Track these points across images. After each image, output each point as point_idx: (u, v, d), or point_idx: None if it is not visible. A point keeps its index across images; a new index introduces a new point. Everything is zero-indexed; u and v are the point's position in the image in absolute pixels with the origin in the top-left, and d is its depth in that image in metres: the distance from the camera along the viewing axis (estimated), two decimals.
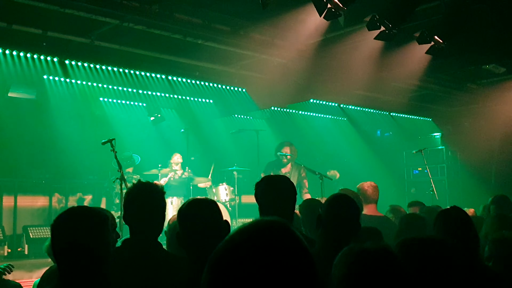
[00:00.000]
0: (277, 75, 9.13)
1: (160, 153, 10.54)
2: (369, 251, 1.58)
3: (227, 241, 1.15)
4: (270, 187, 3.36)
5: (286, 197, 3.33)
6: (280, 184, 3.38)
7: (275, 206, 3.29)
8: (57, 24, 7.05)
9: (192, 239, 2.64)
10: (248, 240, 1.13)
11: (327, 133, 12.72)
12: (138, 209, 3.00)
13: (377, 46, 7.47)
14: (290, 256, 1.13)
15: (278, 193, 3.33)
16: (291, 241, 1.15)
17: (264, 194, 3.35)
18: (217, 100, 10.92)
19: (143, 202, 3.00)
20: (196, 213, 2.72)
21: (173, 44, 8.00)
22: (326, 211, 3.07)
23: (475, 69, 9.98)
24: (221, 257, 1.13)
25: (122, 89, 9.58)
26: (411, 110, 12.27)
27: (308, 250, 1.17)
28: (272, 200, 3.31)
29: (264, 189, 3.37)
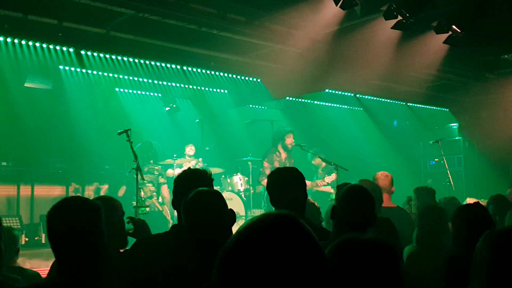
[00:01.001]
0: (293, 65, 9.07)
1: (175, 143, 10.58)
2: (359, 239, 1.58)
3: (236, 238, 1.15)
4: (281, 179, 3.40)
5: (297, 189, 3.36)
6: (290, 176, 3.42)
7: (287, 198, 3.32)
8: (72, 14, 7.06)
9: (197, 231, 2.65)
10: (257, 235, 1.13)
11: (342, 123, 12.64)
12: (183, 195, 3.03)
13: (394, 35, 7.38)
14: (299, 251, 1.12)
15: (289, 185, 3.36)
16: (300, 235, 1.15)
17: (275, 186, 3.39)
18: (232, 90, 10.90)
19: (190, 187, 2.96)
20: (200, 205, 2.72)
21: (188, 35, 7.97)
22: (340, 202, 3.06)
23: (493, 58, 9.84)
24: (230, 254, 1.12)
25: (138, 79, 9.60)
26: (428, 100, 12.13)
27: (317, 243, 1.17)
28: (283, 192, 3.35)
29: (275, 181, 3.40)
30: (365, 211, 3.01)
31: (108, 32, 7.58)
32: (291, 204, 3.30)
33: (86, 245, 2.36)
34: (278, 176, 3.43)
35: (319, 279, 1.13)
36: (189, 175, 3.21)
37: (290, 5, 6.87)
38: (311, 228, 3.00)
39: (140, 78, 9.55)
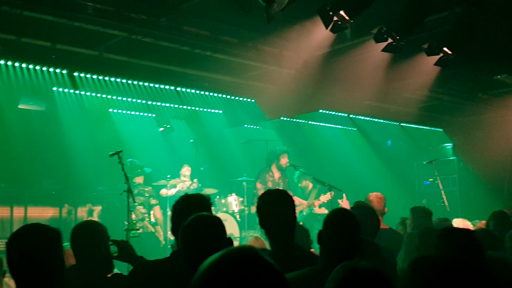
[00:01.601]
0: (286, 85, 9.11)
1: (169, 164, 10.55)
2: (359, 270, 1.57)
3: (200, 275, 1.16)
4: (270, 202, 3.37)
5: (287, 212, 3.34)
6: (280, 199, 3.39)
7: (276, 221, 3.30)
8: (65, 36, 7.10)
9: (194, 257, 2.61)
10: (219, 274, 1.16)
11: (337, 143, 12.64)
12: (182, 221, 3.00)
13: (385, 57, 7.42)
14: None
15: (278, 208, 3.33)
16: (261, 270, 1.15)
17: (264, 209, 3.37)
18: (226, 111, 10.92)
19: (188, 214, 2.93)
20: (200, 231, 2.69)
21: (181, 56, 8.01)
22: (324, 227, 3.02)
23: (486, 79, 9.89)
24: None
25: (131, 100, 9.60)
26: (421, 120, 12.17)
27: (279, 276, 1.20)
28: (272, 215, 3.32)
29: (265, 203, 3.38)
30: (350, 236, 2.95)
31: (101, 54, 7.62)
32: (280, 227, 3.28)
33: (43, 272, 2.36)
34: (267, 198, 3.40)
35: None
36: (186, 201, 3.18)
37: (282, 28, 6.92)
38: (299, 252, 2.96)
39: (133, 99, 9.56)
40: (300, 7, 5.71)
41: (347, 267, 1.59)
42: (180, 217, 3.08)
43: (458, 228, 3.60)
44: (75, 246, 3.58)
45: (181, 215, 3.07)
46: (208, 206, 3.15)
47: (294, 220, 3.38)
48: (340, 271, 1.59)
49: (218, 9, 6.83)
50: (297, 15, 6.44)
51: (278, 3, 4.70)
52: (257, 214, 3.40)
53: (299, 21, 6.70)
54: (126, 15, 6.59)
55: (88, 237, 3.55)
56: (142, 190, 9.38)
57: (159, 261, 3.16)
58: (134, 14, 6.64)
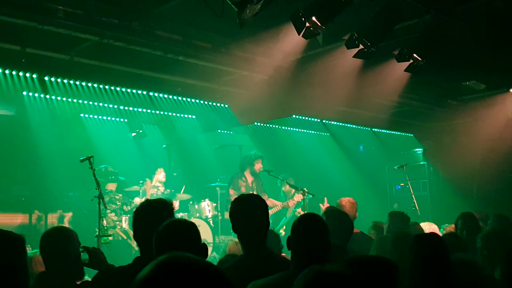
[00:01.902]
0: (259, 91, 9.13)
1: (141, 169, 10.46)
2: (327, 273, 1.59)
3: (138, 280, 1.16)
4: (242, 208, 3.39)
5: (259, 217, 3.35)
6: (252, 204, 3.41)
7: (248, 226, 3.32)
8: (36, 40, 6.98)
9: None
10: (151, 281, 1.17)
11: (310, 148, 12.73)
12: (146, 227, 2.97)
13: (356, 63, 7.52)
14: None
15: (250, 214, 3.35)
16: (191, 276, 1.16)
17: (237, 214, 3.38)
18: (199, 116, 10.89)
19: (151, 219, 2.97)
20: (174, 236, 2.68)
21: (154, 61, 7.96)
22: (292, 232, 3.04)
23: (455, 85, 10.08)
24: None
25: (103, 105, 9.50)
26: (392, 125, 12.33)
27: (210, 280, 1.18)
28: (244, 220, 3.34)
29: (237, 209, 3.40)
30: (318, 240, 2.97)
31: (72, 58, 7.51)
32: (253, 231, 3.31)
33: (5, 281, 2.28)
34: (240, 203, 3.42)
35: None
36: (147, 207, 3.15)
37: (255, 33, 6.94)
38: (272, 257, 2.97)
39: (105, 104, 9.46)
40: (273, 13, 5.75)
41: (315, 271, 1.61)
42: (143, 224, 3.05)
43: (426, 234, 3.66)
44: (44, 252, 3.53)
45: (143, 221, 3.05)
46: (170, 211, 3.12)
47: (267, 225, 3.40)
48: (308, 275, 1.61)
49: (191, 14, 6.82)
50: (270, 21, 6.47)
51: (251, 8, 4.73)
52: (230, 219, 3.41)
53: (272, 27, 6.73)
54: (97, 19, 6.52)
55: (58, 243, 3.51)
56: (114, 197, 9.26)
57: (123, 268, 3.13)
58: (106, 18, 6.58)
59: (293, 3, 5.84)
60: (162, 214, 2.99)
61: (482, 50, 7.81)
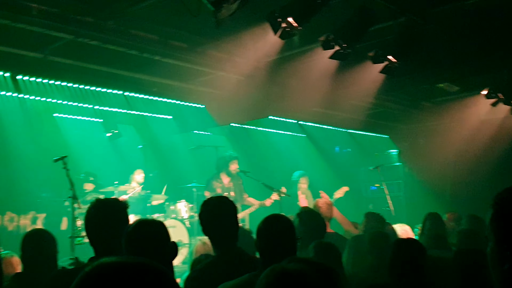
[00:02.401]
0: (236, 91, 9.13)
1: (116, 170, 10.37)
2: (288, 272, 1.58)
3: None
4: (211, 209, 3.42)
5: (228, 218, 3.39)
6: (221, 205, 3.44)
7: (217, 228, 3.35)
8: (8, 38, 6.85)
9: None
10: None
11: (286, 150, 12.77)
12: (99, 227, 2.93)
13: (332, 64, 7.56)
14: None
15: (219, 215, 3.38)
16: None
17: (206, 216, 3.41)
18: (175, 116, 10.84)
19: (104, 220, 2.93)
20: (143, 235, 2.67)
21: (129, 60, 7.89)
22: (258, 233, 3.06)
23: (429, 87, 10.22)
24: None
25: (77, 105, 9.38)
26: (368, 127, 12.44)
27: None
28: (214, 222, 3.36)
29: (205, 211, 3.43)
30: (283, 240, 3.01)
31: (46, 56, 7.40)
32: (222, 233, 3.34)
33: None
34: (208, 206, 3.45)
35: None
36: (98, 207, 3.04)
37: (231, 33, 6.92)
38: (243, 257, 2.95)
39: (79, 104, 9.34)
40: (249, 13, 5.75)
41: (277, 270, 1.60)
42: (95, 224, 2.99)
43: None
44: (24, 253, 3.54)
45: (95, 221, 2.97)
46: (123, 209, 3.04)
47: (236, 225, 3.43)
48: (270, 275, 1.59)
49: (167, 14, 6.77)
50: (246, 21, 6.47)
51: (227, 8, 4.72)
52: (199, 221, 3.45)
53: (248, 27, 6.73)
54: (72, 17, 6.42)
55: (38, 245, 3.54)
56: (90, 198, 9.15)
57: (79, 269, 3.07)
58: (80, 16, 6.48)
59: (269, 4, 5.85)
60: (114, 213, 2.97)
61: (455, 52, 7.94)
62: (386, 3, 6.23)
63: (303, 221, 4.80)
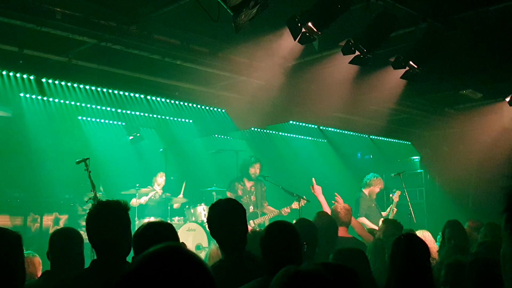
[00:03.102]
0: (256, 96, 9.16)
1: (138, 173, 10.48)
2: (304, 273, 1.59)
3: (125, 273, 1.18)
4: (219, 212, 3.40)
5: (236, 221, 3.36)
6: (229, 208, 3.42)
7: (225, 231, 3.33)
8: (33, 42, 6.99)
9: None
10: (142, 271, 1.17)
11: (306, 155, 12.74)
12: (100, 229, 2.95)
13: (353, 70, 7.54)
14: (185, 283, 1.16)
15: (227, 218, 3.36)
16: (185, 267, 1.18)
17: (214, 219, 3.40)
18: (196, 120, 10.91)
19: (105, 221, 2.95)
20: (152, 238, 2.69)
21: (151, 64, 7.98)
22: (262, 240, 3.04)
23: (452, 94, 10.10)
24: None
25: (101, 108, 9.51)
26: (390, 133, 12.35)
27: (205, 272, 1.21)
28: (221, 225, 3.35)
29: (213, 214, 3.42)
30: (288, 246, 2.98)
31: (70, 60, 7.53)
32: (229, 236, 3.31)
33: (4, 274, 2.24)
34: (217, 209, 3.43)
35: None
36: (100, 209, 3.06)
37: (252, 38, 6.96)
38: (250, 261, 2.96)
39: (103, 107, 9.47)
40: (269, 18, 5.78)
41: (291, 271, 1.60)
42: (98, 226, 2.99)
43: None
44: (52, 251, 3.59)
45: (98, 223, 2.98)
46: (125, 212, 3.01)
47: (244, 229, 3.39)
48: (285, 276, 1.60)
49: (189, 18, 6.83)
50: (267, 26, 6.50)
51: (246, 13, 4.75)
52: (207, 224, 3.44)
53: (269, 32, 6.75)
54: (95, 21, 6.53)
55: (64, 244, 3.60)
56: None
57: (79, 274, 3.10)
58: (104, 21, 6.58)
59: (289, 9, 5.87)
60: (117, 215, 2.97)
61: (478, 59, 7.84)
62: (407, 8, 6.19)
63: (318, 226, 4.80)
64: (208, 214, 3.47)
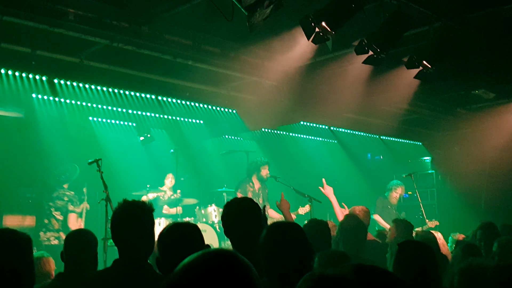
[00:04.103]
0: (268, 97, 9.14)
1: (149, 174, 10.49)
2: (328, 278, 1.55)
3: (173, 278, 1.15)
4: (234, 212, 3.36)
5: (250, 221, 3.30)
6: (244, 208, 3.37)
7: (239, 231, 3.28)
8: (46, 43, 7.02)
9: (172, 264, 2.58)
10: (193, 277, 1.15)
11: (317, 155, 12.70)
12: (124, 228, 2.96)
13: (366, 70, 7.50)
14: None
15: (241, 218, 3.31)
16: (236, 273, 1.14)
17: (228, 218, 3.35)
18: (207, 121, 10.90)
19: (130, 220, 2.95)
20: (178, 238, 2.68)
21: (163, 65, 7.99)
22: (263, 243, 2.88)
23: (464, 94, 10.03)
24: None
25: (112, 108, 9.52)
26: (401, 134, 12.29)
27: (255, 280, 1.19)
28: (236, 224, 3.30)
29: (228, 213, 3.37)
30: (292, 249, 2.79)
31: (82, 61, 7.54)
32: (243, 236, 3.26)
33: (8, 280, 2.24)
34: (231, 208, 3.39)
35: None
36: (126, 209, 3.06)
37: (264, 38, 6.95)
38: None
39: (114, 107, 9.48)
40: (282, 18, 5.76)
41: (317, 275, 1.57)
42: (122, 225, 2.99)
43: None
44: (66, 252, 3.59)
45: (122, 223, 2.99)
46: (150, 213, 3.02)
47: (258, 229, 3.24)
48: (309, 280, 1.57)
49: (201, 19, 6.83)
50: (279, 26, 6.47)
51: (260, 12, 4.73)
52: (222, 222, 3.39)
53: (281, 32, 6.73)
54: (108, 22, 6.53)
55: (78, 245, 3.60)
56: (63, 193, 8.83)
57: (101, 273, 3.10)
58: (116, 21, 6.59)
59: (302, 8, 5.84)
60: (142, 215, 2.98)
61: (491, 59, 7.77)
62: (421, 8, 6.15)
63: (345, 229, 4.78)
64: (223, 212, 3.42)
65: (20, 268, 2.30)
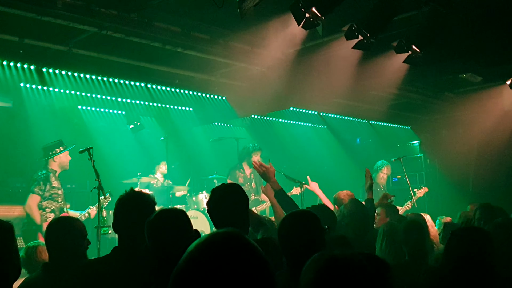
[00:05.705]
0: (257, 83, 9.15)
1: (139, 161, 10.47)
2: (338, 258, 1.58)
3: (186, 258, 1.17)
4: (218, 198, 3.33)
5: (236, 207, 3.30)
6: (229, 194, 3.35)
7: (224, 217, 3.27)
8: (34, 31, 6.96)
9: (161, 250, 2.62)
10: (206, 255, 1.17)
11: (307, 141, 12.76)
12: (127, 217, 3.02)
13: (355, 55, 7.52)
14: (247, 268, 1.18)
15: (226, 204, 3.29)
16: (246, 251, 1.19)
17: (214, 205, 3.33)
18: (197, 108, 10.89)
19: (132, 209, 3.02)
20: (165, 224, 2.70)
21: (152, 52, 7.95)
22: (280, 231, 2.96)
23: (452, 78, 10.09)
24: (182, 273, 1.15)
25: (101, 97, 9.47)
26: (390, 118, 12.36)
27: (262, 258, 1.22)
28: (221, 211, 3.29)
29: (213, 199, 3.35)
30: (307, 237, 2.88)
31: (70, 49, 7.50)
32: (228, 223, 3.21)
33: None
34: (216, 194, 3.36)
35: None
36: (129, 198, 3.11)
37: (253, 24, 6.93)
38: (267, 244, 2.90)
39: (103, 96, 9.43)
40: (272, 3, 5.76)
41: (327, 256, 1.60)
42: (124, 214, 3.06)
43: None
44: (46, 242, 3.52)
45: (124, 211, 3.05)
46: (152, 203, 3.10)
47: (244, 215, 3.32)
48: (320, 260, 1.59)
49: (190, 5, 6.80)
50: (269, 12, 6.47)
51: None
52: (207, 208, 3.37)
53: (270, 18, 6.72)
54: (96, 10, 6.48)
55: (57, 234, 3.48)
56: None
57: (102, 259, 3.12)
58: (104, 9, 6.54)
59: None
60: (145, 206, 3.03)
61: (478, 42, 7.83)
62: None
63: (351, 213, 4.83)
64: (208, 198, 3.40)
65: (1, 256, 2.27)
